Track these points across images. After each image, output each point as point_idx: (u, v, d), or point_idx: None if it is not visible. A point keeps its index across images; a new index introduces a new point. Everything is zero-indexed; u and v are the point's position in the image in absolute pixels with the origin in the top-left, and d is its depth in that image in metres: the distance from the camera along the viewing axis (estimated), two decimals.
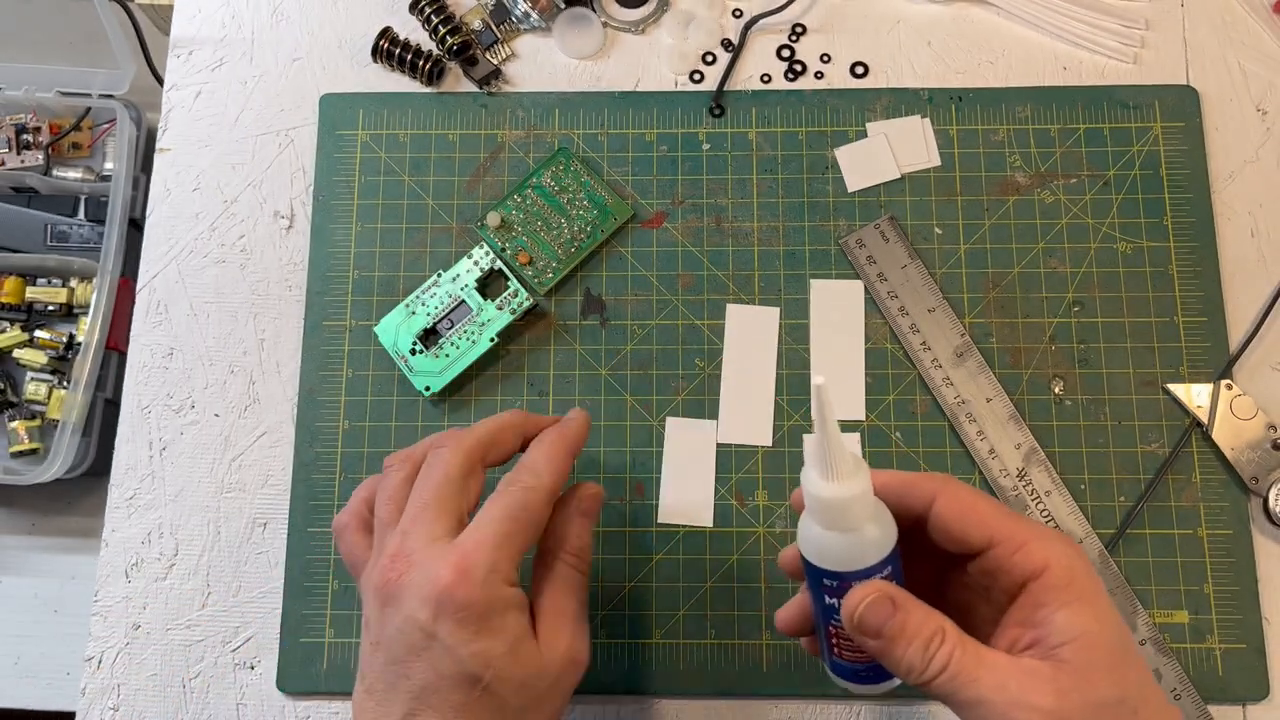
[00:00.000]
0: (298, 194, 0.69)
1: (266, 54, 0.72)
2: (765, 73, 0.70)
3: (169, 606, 0.63)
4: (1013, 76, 0.70)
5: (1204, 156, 0.67)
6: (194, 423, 0.65)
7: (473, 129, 0.69)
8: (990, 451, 0.62)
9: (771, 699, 0.60)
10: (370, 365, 0.65)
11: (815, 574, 0.42)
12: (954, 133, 0.68)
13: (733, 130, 0.69)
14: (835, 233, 0.67)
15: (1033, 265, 0.66)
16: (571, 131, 0.69)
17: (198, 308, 0.67)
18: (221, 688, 0.61)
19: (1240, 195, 0.67)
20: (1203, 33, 0.70)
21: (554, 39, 0.72)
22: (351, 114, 0.70)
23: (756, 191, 0.68)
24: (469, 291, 0.65)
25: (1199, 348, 0.64)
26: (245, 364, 0.66)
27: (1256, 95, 0.69)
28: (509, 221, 0.67)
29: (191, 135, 0.70)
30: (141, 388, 0.66)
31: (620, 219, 0.67)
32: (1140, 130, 0.68)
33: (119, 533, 0.64)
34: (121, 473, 0.65)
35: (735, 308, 0.66)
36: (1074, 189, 0.67)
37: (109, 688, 0.61)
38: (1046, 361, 0.64)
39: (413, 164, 0.69)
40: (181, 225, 0.69)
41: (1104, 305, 0.65)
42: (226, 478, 0.64)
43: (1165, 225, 0.66)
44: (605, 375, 0.65)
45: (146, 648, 0.62)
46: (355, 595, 0.62)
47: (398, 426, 0.64)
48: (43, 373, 0.77)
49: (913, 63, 0.70)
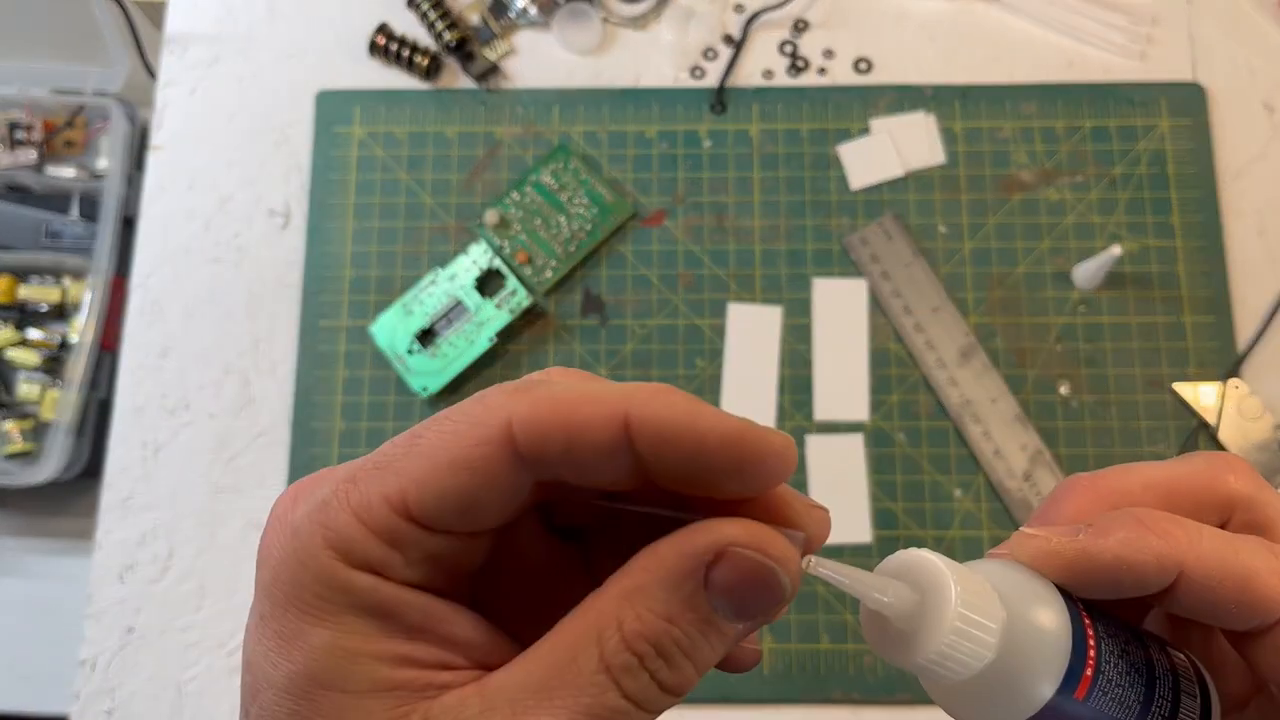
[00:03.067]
0: (293, 192, 0.68)
1: (262, 50, 0.71)
2: (767, 68, 0.70)
3: (164, 609, 0.62)
4: (1018, 73, 0.69)
5: (1211, 154, 0.67)
6: (188, 424, 0.64)
7: (471, 126, 0.69)
8: (996, 452, 0.61)
9: (772, 705, 0.59)
10: (367, 365, 0.65)
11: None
12: (958, 130, 0.67)
13: (734, 127, 0.68)
14: (838, 231, 0.66)
15: (1038, 264, 0.65)
16: (571, 128, 0.68)
17: (192, 307, 0.66)
18: (216, 692, 0.61)
19: (1248, 193, 0.66)
20: (1209, 29, 0.70)
21: (553, 34, 0.71)
22: (348, 111, 0.69)
23: (758, 189, 0.67)
24: (467, 291, 0.65)
25: (1206, 348, 0.63)
26: (240, 364, 0.65)
27: (1264, 92, 0.68)
28: (508, 220, 0.66)
29: (186, 132, 0.69)
30: (135, 388, 0.65)
31: (620, 217, 0.66)
32: (1146, 127, 0.67)
33: (113, 535, 0.63)
34: (115, 474, 0.64)
35: (737, 307, 0.65)
36: (1080, 187, 0.66)
37: (104, 691, 0.61)
38: (1052, 361, 0.63)
39: (410, 161, 0.68)
40: (176, 223, 0.68)
41: (1110, 305, 0.64)
42: (221, 479, 0.64)
43: (1172, 224, 0.65)
44: (605, 376, 0.64)
45: (141, 651, 0.61)
46: None
47: (395, 428, 0.63)
48: (36, 372, 0.76)
49: (916, 59, 0.69)
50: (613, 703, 0.21)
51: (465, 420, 0.22)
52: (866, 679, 0.59)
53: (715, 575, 0.21)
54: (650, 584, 0.21)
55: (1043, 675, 0.23)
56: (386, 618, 0.21)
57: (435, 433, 0.22)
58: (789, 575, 0.22)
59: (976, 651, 0.23)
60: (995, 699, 0.23)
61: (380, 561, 0.21)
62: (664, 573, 0.21)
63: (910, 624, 0.23)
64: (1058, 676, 0.23)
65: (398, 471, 0.21)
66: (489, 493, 0.21)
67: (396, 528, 0.21)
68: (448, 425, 0.22)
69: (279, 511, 0.22)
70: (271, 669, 0.21)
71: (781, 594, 0.21)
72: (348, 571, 0.21)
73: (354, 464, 0.22)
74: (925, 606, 0.23)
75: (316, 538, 0.21)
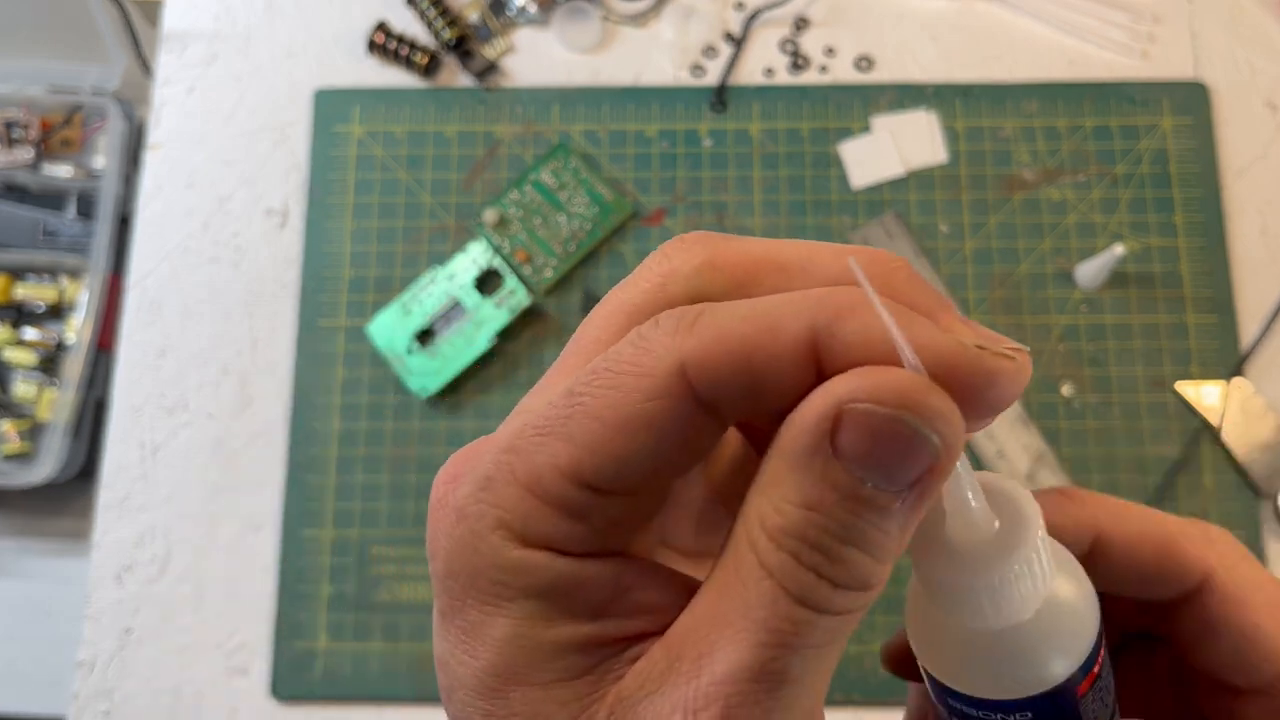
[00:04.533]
0: (292, 191, 0.68)
1: (260, 48, 0.71)
2: (768, 67, 0.69)
3: (162, 610, 0.61)
4: (1019, 71, 0.69)
5: (1213, 153, 0.66)
6: (186, 424, 0.64)
7: (470, 125, 0.68)
8: (998, 453, 0.61)
9: None
10: (365, 365, 0.64)
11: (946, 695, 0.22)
12: (959, 128, 0.67)
13: (734, 126, 0.68)
14: (839, 230, 0.66)
15: (1040, 263, 0.65)
16: (570, 127, 0.68)
17: (190, 307, 0.66)
18: (214, 694, 0.60)
19: (1250, 192, 0.66)
20: (1211, 27, 0.69)
21: (552, 32, 0.70)
22: (347, 109, 0.69)
23: (759, 188, 0.67)
24: (466, 290, 0.64)
25: (1209, 347, 0.63)
26: (238, 364, 0.65)
27: (1266, 90, 0.68)
28: (507, 219, 0.66)
29: (184, 131, 0.69)
30: (133, 388, 0.65)
31: (620, 216, 0.66)
32: (1148, 126, 0.67)
33: (110, 535, 0.63)
34: (112, 474, 0.63)
35: None
36: (1082, 186, 0.66)
37: (101, 692, 0.60)
38: (1055, 362, 0.63)
39: (409, 160, 0.68)
40: (173, 223, 0.67)
41: (1112, 304, 0.64)
42: (220, 480, 0.63)
43: (1174, 223, 0.65)
44: None
45: (139, 652, 0.61)
46: (350, 600, 0.61)
47: (394, 428, 0.63)
48: (32, 372, 0.76)
49: (918, 57, 0.69)
50: (787, 611, 0.18)
51: (632, 371, 0.19)
52: (868, 680, 0.59)
53: (841, 443, 0.18)
54: (780, 470, 0.18)
55: (1065, 653, 0.20)
56: (569, 596, 0.19)
57: (600, 389, 0.19)
58: (928, 418, 0.17)
59: (1026, 599, 0.20)
60: (1004, 663, 0.21)
61: (560, 537, 0.19)
62: (788, 454, 0.18)
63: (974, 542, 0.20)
64: (1078, 660, 0.21)
65: (567, 437, 0.19)
66: (673, 447, 0.19)
67: (574, 498, 0.19)
68: (610, 379, 0.19)
69: (440, 494, 0.20)
70: (460, 668, 0.19)
71: (925, 444, 0.18)
72: (522, 552, 0.19)
73: (509, 430, 0.20)
74: (1001, 529, 0.20)
75: (485, 519, 0.19)
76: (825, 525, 0.18)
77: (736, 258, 0.21)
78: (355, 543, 0.62)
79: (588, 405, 0.19)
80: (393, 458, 0.63)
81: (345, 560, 0.61)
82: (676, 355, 0.18)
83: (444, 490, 0.20)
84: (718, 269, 0.21)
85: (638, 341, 0.19)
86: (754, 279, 0.20)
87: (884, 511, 0.18)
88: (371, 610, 0.61)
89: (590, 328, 0.21)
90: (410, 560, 0.61)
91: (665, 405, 0.18)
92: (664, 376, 0.18)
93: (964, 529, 0.20)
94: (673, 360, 0.18)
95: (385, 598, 0.61)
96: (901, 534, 0.18)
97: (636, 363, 0.18)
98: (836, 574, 0.18)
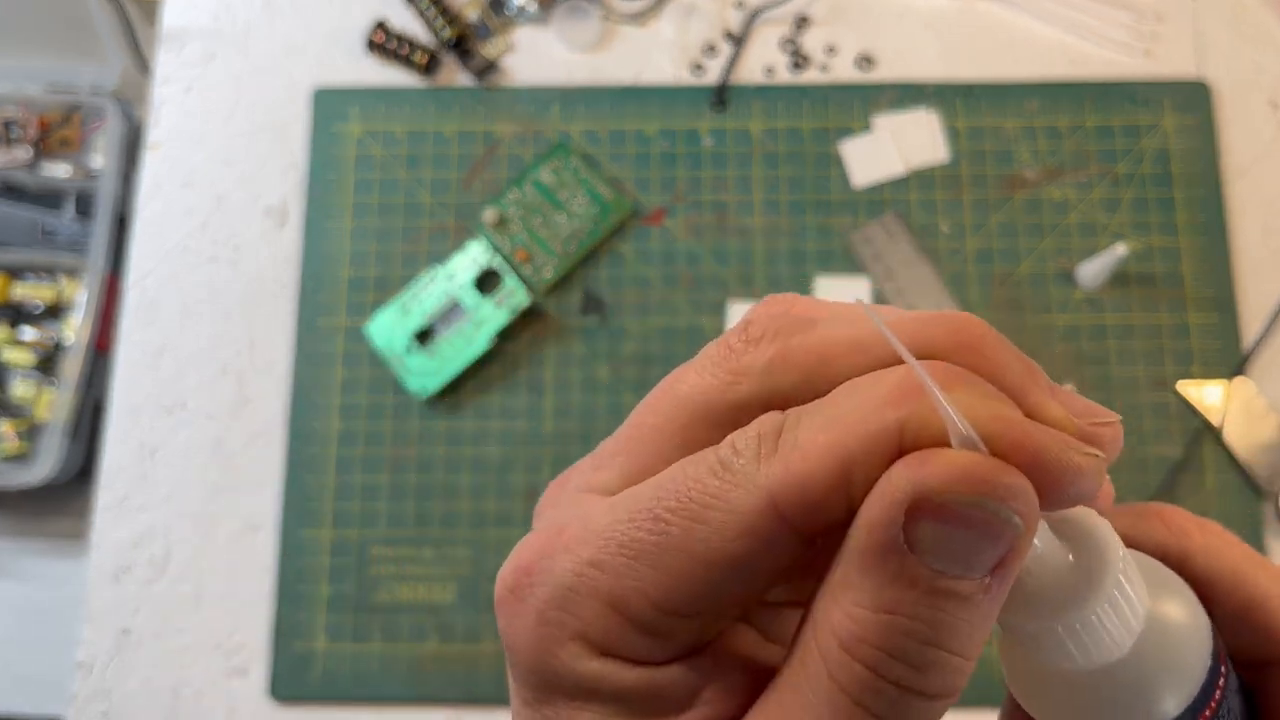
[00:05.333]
0: (291, 190, 0.68)
1: (259, 47, 0.70)
2: (769, 65, 0.69)
3: (160, 611, 0.61)
4: (1021, 70, 0.68)
5: (1215, 152, 0.66)
6: (185, 424, 0.64)
7: (470, 124, 0.68)
8: None
9: None
10: (364, 365, 0.64)
11: None
12: (961, 127, 0.67)
13: (735, 125, 0.67)
14: (840, 229, 0.65)
15: (1041, 263, 0.64)
16: (570, 126, 0.68)
17: (188, 306, 0.66)
18: (213, 694, 0.60)
19: (1253, 191, 0.66)
20: (1214, 26, 0.69)
21: (552, 31, 0.70)
22: (346, 108, 0.68)
23: (759, 187, 0.66)
24: (466, 290, 0.64)
25: (1211, 347, 0.63)
26: (237, 364, 0.65)
27: (1269, 90, 0.68)
28: (507, 218, 0.66)
29: (182, 130, 0.69)
30: (131, 388, 0.65)
31: (620, 216, 0.66)
32: (1150, 125, 0.67)
33: (108, 536, 0.62)
34: (111, 474, 0.63)
35: (738, 306, 0.64)
36: (1083, 185, 0.66)
37: (100, 693, 0.60)
38: (1056, 361, 0.63)
39: (408, 159, 0.67)
40: (172, 222, 0.67)
41: (1114, 304, 0.64)
42: (218, 480, 0.63)
43: (1176, 222, 0.65)
44: (605, 375, 0.64)
45: (137, 653, 0.61)
46: (349, 600, 0.61)
47: (393, 428, 0.63)
48: (30, 372, 0.76)
49: (919, 56, 0.69)
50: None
51: (719, 506, 0.18)
52: None
53: (917, 536, 0.16)
54: (850, 573, 0.17)
55: (1173, 688, 0.18)
56: (647, 700, 0.19)
57: (686, 521, 0.18)
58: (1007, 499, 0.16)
59: (1117, 636, 0.18)
60: (1106, 706, 0.18)
61: (641, 652, 0.19)
62: (858, 554, 0.17)
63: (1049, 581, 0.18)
64: (1188, 695, 0.18)
65: (654, 564, 0.18)
66: (761, 576, 0.18)
67: (659, 623, 0.19)
68: (695, 512, 0.18)
69: (511, 584, 0.20)
70: None
71: (1006, 526, 0.16)
72: (600, 663, 0.19)
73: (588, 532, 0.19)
74: (1078, 564, 0.18)
75: (566, 628, 0.19)
76: (906, 628, 0.17)
77: (811, 346, 0.20)
78: (354, 543, 0.61)
79: (674, 538, 0.18)
80: (392, 458, 0.63)
81: (344, 561, 0.61)
82: (764, 491, 0.18)
83: (516, 581, 0.20)
84: (790, 365, 0.20)
85: (721, 474, 0.18)
86: (828, 364, 0.20)
87: (967, 602, 0.17)
88: (371, 611, 0.60)
89: (650, 414, 0.21)
90: (409, 561, 0.61)
91: (753, 544, 0.18)
92: (751, 514, 0.18)
93: (1035, 567, 0.18)
94: (760, 497, 0.18)
95: (384, 598, 0.61)
96: (985, 624, 0.17)
97: (722, 498, 0.18)
98: (921, 683, 0.17)
